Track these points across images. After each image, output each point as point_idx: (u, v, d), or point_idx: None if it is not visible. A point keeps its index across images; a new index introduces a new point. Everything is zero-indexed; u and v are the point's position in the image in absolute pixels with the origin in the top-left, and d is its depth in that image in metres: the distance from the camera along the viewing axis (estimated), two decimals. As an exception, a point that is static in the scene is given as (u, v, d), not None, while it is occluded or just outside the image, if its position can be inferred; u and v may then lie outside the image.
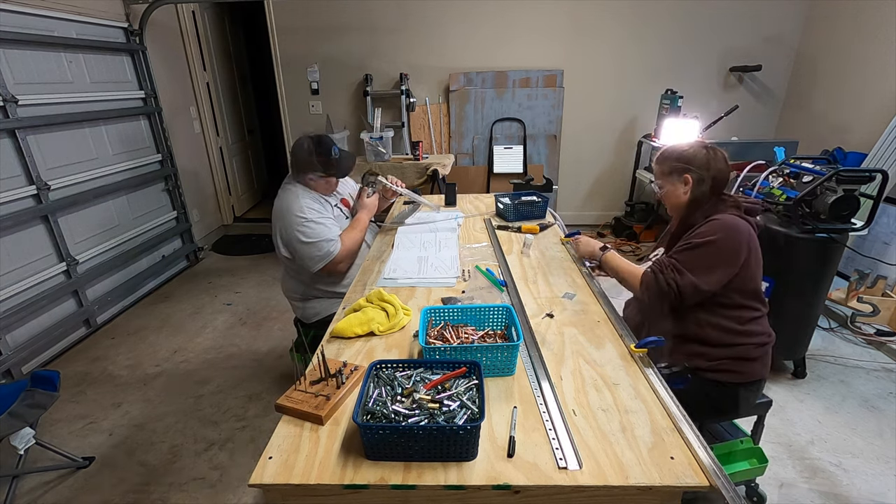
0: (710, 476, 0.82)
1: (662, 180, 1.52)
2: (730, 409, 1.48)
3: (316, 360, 1.10)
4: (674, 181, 1.47)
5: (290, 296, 2.06)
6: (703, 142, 1.49)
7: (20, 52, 2.56)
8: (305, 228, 1.79)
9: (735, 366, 1.39)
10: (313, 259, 1.81)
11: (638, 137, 4.17)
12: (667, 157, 1.51)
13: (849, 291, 2.84)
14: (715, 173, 1.41)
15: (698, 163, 1.42)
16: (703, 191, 1.42)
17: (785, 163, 2.38)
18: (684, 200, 1.46)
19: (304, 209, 1.81)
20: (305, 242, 1.79)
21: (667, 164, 1.49)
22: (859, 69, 3.42)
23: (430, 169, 3.63)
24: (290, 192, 1.88)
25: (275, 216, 1.87)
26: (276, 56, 4.22)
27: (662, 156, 1.53)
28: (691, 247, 1.36)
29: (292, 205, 1.82)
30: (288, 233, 1.81)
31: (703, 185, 1.42)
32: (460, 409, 0.90)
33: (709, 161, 1.42)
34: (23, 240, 2.56)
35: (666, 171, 1.50)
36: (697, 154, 1.43)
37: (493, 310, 1.26)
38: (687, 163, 1.44)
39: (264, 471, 0.86)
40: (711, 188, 1.42)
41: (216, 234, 4.63)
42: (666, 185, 1.51)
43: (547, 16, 4.00)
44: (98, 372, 2.60)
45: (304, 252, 1.80)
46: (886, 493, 1.75)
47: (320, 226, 1.82)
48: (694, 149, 1.45)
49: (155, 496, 1.82)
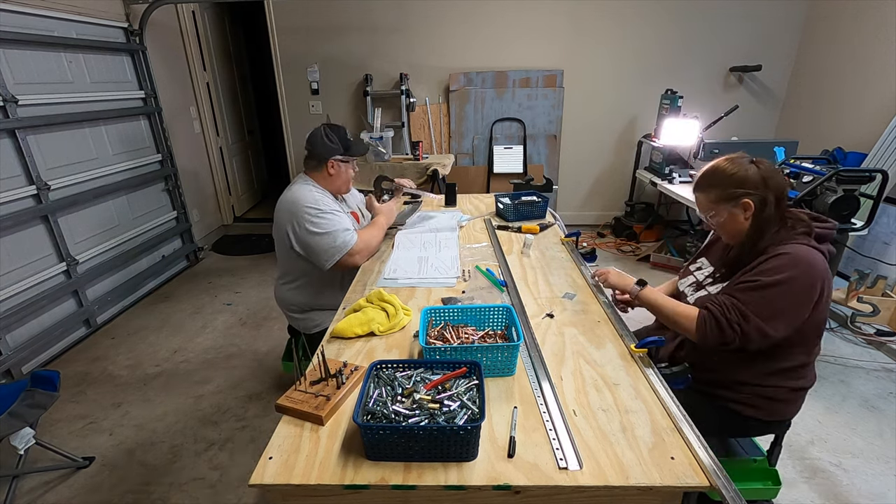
0: (710, 476, 0.82)
1: (714, 209, 1.29)
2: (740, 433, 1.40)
3: (316, 361, 1.10)
4: (730, 209, 1.25)
5: (288, 307, 1.97)
6: (743, 155, 1.28)
7: (20, 52, 2.55)
8: (320, 220, 1.70)
9: (764, 404, 1.27)
10: (328, 251, 1.70)
11: (638, 137, 4.17)
12: (714, 183, 1.28)
13: (849, 291, 2.84)
14: (776, 191, 1.21)
15: (754, 182, 1.21)
16: (769, 214, 1.21)
17: (785, 163, 2.38)
18: (746, 227, 1.25)
19: (318, 201, 1.73)
20: (320, 234, 1.69)
21: (716, 191, 1.27)
22: (859, 69, 3.42)
23: (430, 169, 3.63)
24: (303, 186, 1.80)
25: (283, 209, 1.76)
26: (276, 56, 4.22)
27: (706, 182, 1.30)
28: (759, 286, 1.16)
29: (305, 197, 1.73)
30: (300, 225, 1.71)
31: (767, 208, 1.21)
32: (460, 409, 0.90)
33: (764, 177, 1.21)
34: (23, 240, 2.56)
35: (718, 199, 1.27)
36: (748, 172, 1.22)
37: (493, 310, 1.26)
38: (741, 185, 1.22)
39: (264, 471, 0.86)
40: (777, 209, 1.22)
41: (216, 234, 4.63)
42: (720, 214, 1.28)
43: (547, 16, 4.00)
44: (98, 372, 2.60)
45: (319, 244, 1.70)
46: (886, 493, 1.75)
47: (336, 216, 1.75)
48: (740, 166, 1.24)
49: (155, 496, 1.82)
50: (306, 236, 1.71)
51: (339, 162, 1.83)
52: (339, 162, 1.83)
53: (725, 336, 1.17)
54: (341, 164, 1.84)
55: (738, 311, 1.17)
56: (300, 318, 1.96)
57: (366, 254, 1.81)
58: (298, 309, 1.95)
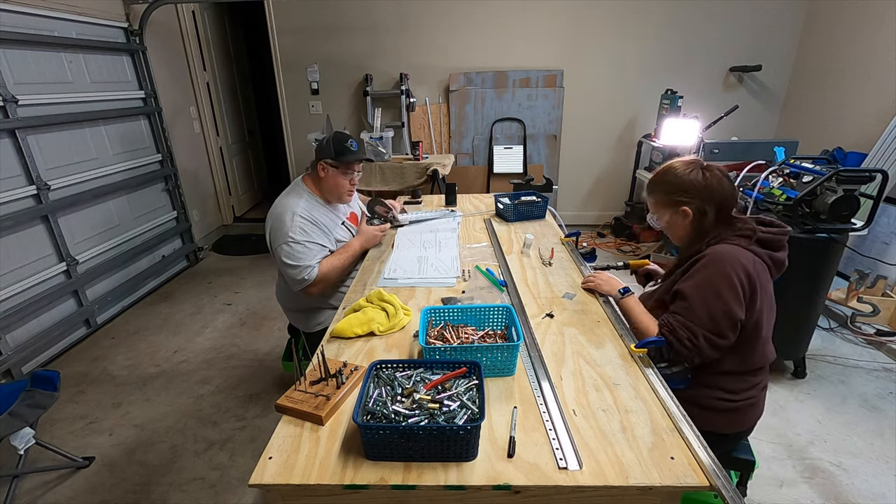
0: (710, 476, 0.82)
1: (658, 212, 1.33)
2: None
3: (316, 360, 1.10)
4: (670, 213, 1.29)
5: (288, 306, 2.00)
6: (697, 161, 1.28)
7: (20, 52, 2.55)
8: (290, 249, 1.72)
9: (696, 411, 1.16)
10: (292, 280, 1.76)
11: (638, 137, 4.17)
12: (659, 188, 1.31)
13: (849, 291, 2.84)
14: (718, 199, 1.22)
15: (695, 190, 1.23)
16: (708, 221, 1.24)
17: (785, 163, 2.38)
18: (686, 232, 1.29)
19: (295, 229, 1.72)
20: (286, 264, 1.73)
21: (660, 195, 1.30)
22: (859, 69, 3.42)
23: (430, 169, 3.63)
24: (293, 196, 1.82)
25: (271, 217, 1.79)
26: (276, 56, 4.22)
27: (653, 183, 1.33)
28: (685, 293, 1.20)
29: (286, 219, 1.73)
30: (274, 246, 1.76)
31: (706, 217, 1.24)
32: (460, 409, 0.90)
33: (708, 186, 1.22)
34: (23, 240, 2.56)
35: (660, 203, 1.31)
36: (693, 180, 1.23)
37: (493, 310, 1.26)
38: (682, 193, 1.24)
39: (264, 471, 0.86)
40: (717, 217, 1.24)
41: (216, 234, 4.63)
42: (662, 218, 1.32)
43: (547, 16, 4.00)
44: (98, 372, 2.60)
45: (285, 272, 1.76)
46: (886, 494, 1.75)
47: (306, 250, 1.74)
48: (687, 173, 1.25)
49: (155, 496, 1.82)
50: (278, 261, 1.76)
51: (330, 166, 1.81)
52: (330, 166, 1.81)
53: (682, 356, 1.18)
54: (330, 169, 1.82)
55: (685, 328, 1.17)
56: (300, 317, 1.97)
57: (322, 286, 1.80)
58: (297, 307, 1.96)
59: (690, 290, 1.19)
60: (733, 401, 1.26)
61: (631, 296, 1.39)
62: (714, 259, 1.18)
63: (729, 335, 1.17)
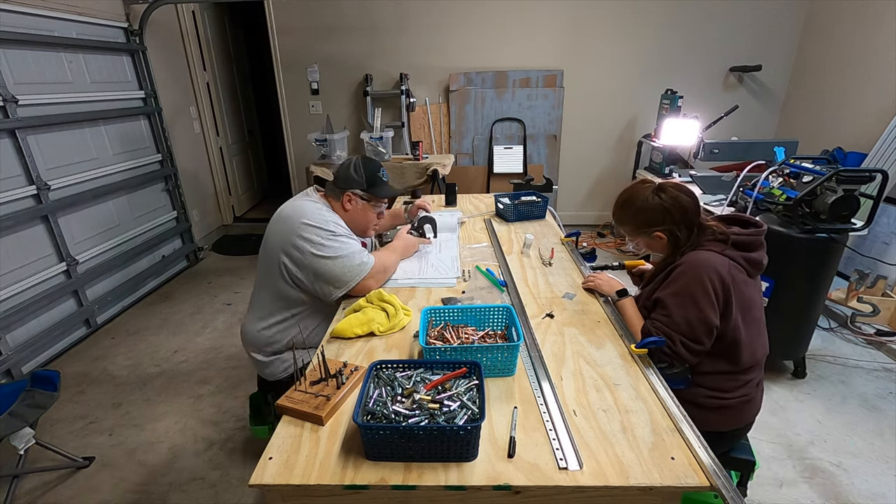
0: (710, 476, 0.82)
1: (634, 240, 1.42)
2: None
3: (316, 361, 1.10)
4: (646, 240, 1.38)
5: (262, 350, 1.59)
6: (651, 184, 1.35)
7: (20, 52, 2.55)
8: (331, 243, 1.45)
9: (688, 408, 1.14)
10: (344, 276, 1.46)
11: (638, 137, 4.17)
12: (624, 219, 1.39)
13: (849, 291, 2.84)
14: (680, 216, 1.29)
15: (660, 217, 1.30)
16: (682, 235, 1.31)
17: (785, 163, 2.38)
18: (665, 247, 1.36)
19: (328, 222, 1.48)
20: (333, 257, 1.44)
21: (628, 227, 1.40)
22: (859, 69, 3.42)
23: (430, 169, 3.63)
24: (312, 203, 1.55)
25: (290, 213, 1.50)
26: (276, 56, 4.22)
27: (619, 216, 1.42)
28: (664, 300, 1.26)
29: (312, 215, 1.47)
30: (304, 249, 1.44)
31: (678, 233, 1.31)
32: (461, 409, 0.90)
33: (666, 210, 1.29)
34: (23, 240, 2.56)
35: (632, 233, 1.40)
36: (654, 207, 1.30)
37: (493, 310, 1.26)
38: (647, 222, 1.33)
39: (264, 471, 0.86)
40: (687, 229, 1.30)
41: (216, 234, 4.63)
42: (640, 245, 1.42)
43: (547, 16, 4.00)
44: (98, 372, 2.60)
45: (332, 269, 1.45)
46: (886, 494, 1.75)
47: (351, 241, 1.52)
48: (646, 200, 1.31)
49: (155, 496, 1.82)
50: (314, 261, 1.44)
51: (359, 198, 1.60)
52: (359, 198, 1.60)
53: (662, 360, 1.23)
54: (359, 202, 1.60)
55: (663, 334, 1.22)
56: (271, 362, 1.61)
57: (381, 279, 1.57)
58: (276, 351, 1.60)
59: (668, 298, 1.25)
60: (726, 398, 1.29)
61: (627, 298, 1.42)
62: (690, 266, 1.24)
63: (704, 341, 1.21)
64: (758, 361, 1.32)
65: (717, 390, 1.28)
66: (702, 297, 1.20)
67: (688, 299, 1.21)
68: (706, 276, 1.20)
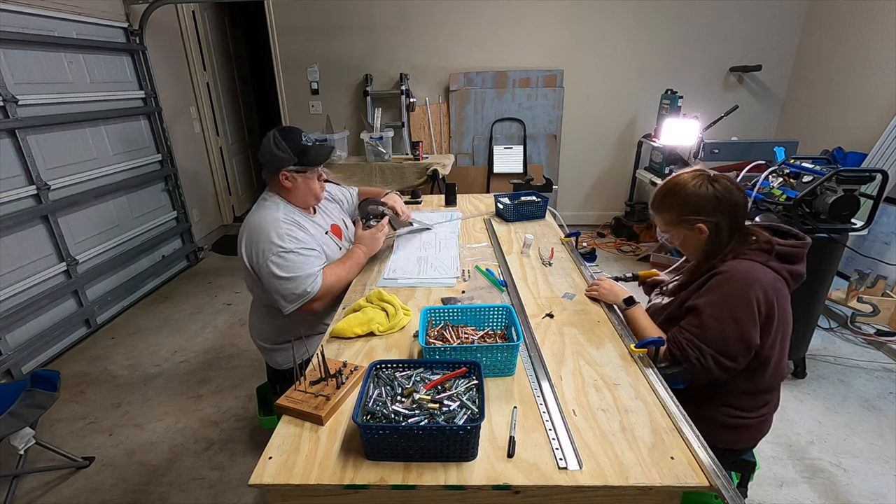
0: (710, 476, 0.82)
1: (669, 231, 1.27)
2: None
3: (316, 360, 1.10)
4: (685, 231, 1.23)
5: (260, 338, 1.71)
6: (704, 172, 1.23)
7: (20, 52, 2.55)
8: (281, 260, 1.46)
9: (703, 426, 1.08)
10: (287, 297, 1.48)
11: (638, 137, 4.17)
12: (668, 205, 1.25)
13: (849, 291, 2.84)
14: (731, 212, 1.18)
15: (709, 207, 1.18)
16: (724, 235, 1.19)
17: (785, 163, 2.38)
18: (702, 246, 1.23)
19: (283, 236, 1.47)
20: (281, 277, 1.45)
21: (671, 215, 1.25)
22: (859, 69, 3.42)
23: (430, 169, 3.63)
24: (269, 207, 1.55)
25: (247, 232, 1.51)
26: (276, 56, 4.22)
27: (661, 202, 1.27)
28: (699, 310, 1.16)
29: (269, 228, 1.48)
30: (259, 261, 1.47)
31: (722, 232, 1.19)
32: (460, 409, 0.90)
33: (718, 200, 1.17)
34: (23, 240, 2.56)
35: (672, 221, 1.25)
36: (704, 196, 1.18)
37: (493, 310, 1.26)
38: (694, 210, 1.19)
39: (264, 471, 0.86)
40: (731, 230, 1.19)
41: (216, 234, 4.64)
42: (676, 236, 1.26)
43: (547, 16, 4.00)
44: (98, 372, 2.60)
45: (278, 287, 1.47)
46: (886, 494, 1.75)
47: (301, 258, 1.49)
48: (697, 188, 1.19)
49: (155, 496, 1.82)
50: (268, 277, 1.48)
51: (294, 174, 1.56)
52: (294, 174, 1.56)
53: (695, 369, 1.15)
54: (297, 177, 1.56)
55: (694, 347, 1.14)
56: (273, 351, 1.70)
57: (328, 299, 1.56)
58: (270, 340, 1.68)
59: (704, 308, 1.15)
60: (745, 418, 1.24)
61: (636, 306, 1.35)
62: (732, 277, 1.13)
63: (739, 359, 1.13)
64: (779, 382, 1.27)
65: (736, 409, 1.23)
66: (744, 313, 1.11)
67: (727, 312, 1.12)
68: (751, 290, 1.11)
